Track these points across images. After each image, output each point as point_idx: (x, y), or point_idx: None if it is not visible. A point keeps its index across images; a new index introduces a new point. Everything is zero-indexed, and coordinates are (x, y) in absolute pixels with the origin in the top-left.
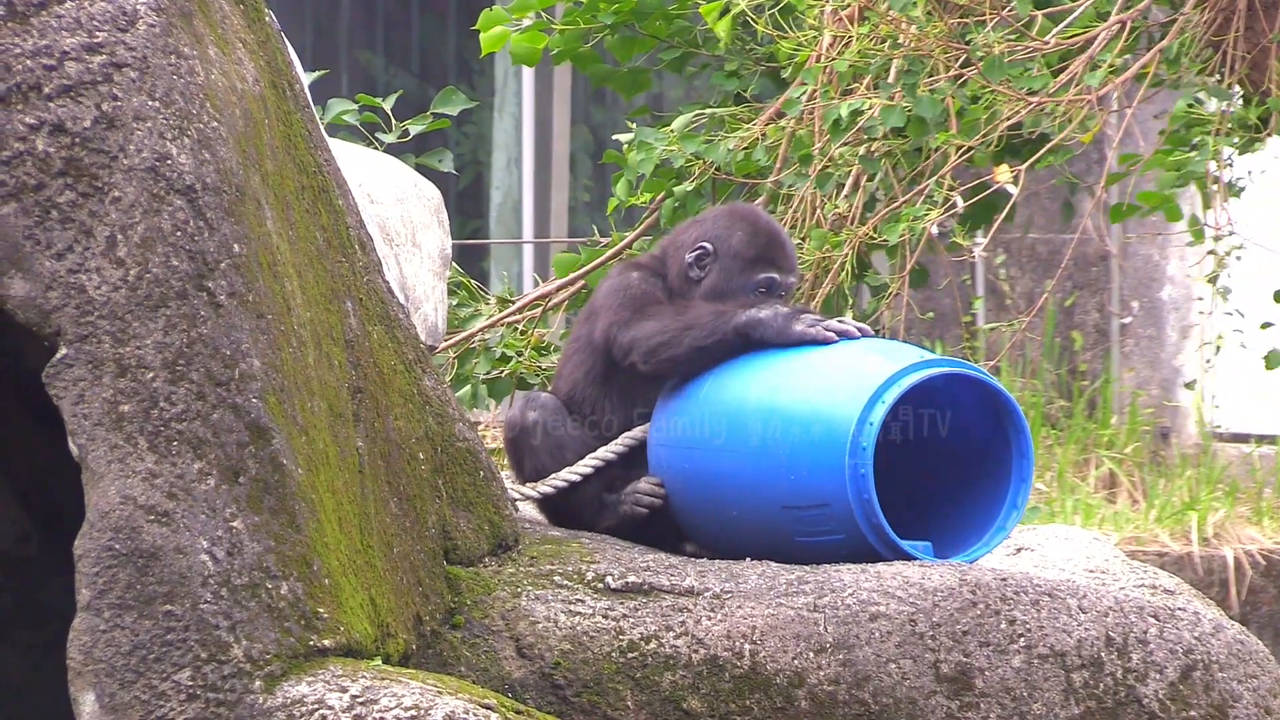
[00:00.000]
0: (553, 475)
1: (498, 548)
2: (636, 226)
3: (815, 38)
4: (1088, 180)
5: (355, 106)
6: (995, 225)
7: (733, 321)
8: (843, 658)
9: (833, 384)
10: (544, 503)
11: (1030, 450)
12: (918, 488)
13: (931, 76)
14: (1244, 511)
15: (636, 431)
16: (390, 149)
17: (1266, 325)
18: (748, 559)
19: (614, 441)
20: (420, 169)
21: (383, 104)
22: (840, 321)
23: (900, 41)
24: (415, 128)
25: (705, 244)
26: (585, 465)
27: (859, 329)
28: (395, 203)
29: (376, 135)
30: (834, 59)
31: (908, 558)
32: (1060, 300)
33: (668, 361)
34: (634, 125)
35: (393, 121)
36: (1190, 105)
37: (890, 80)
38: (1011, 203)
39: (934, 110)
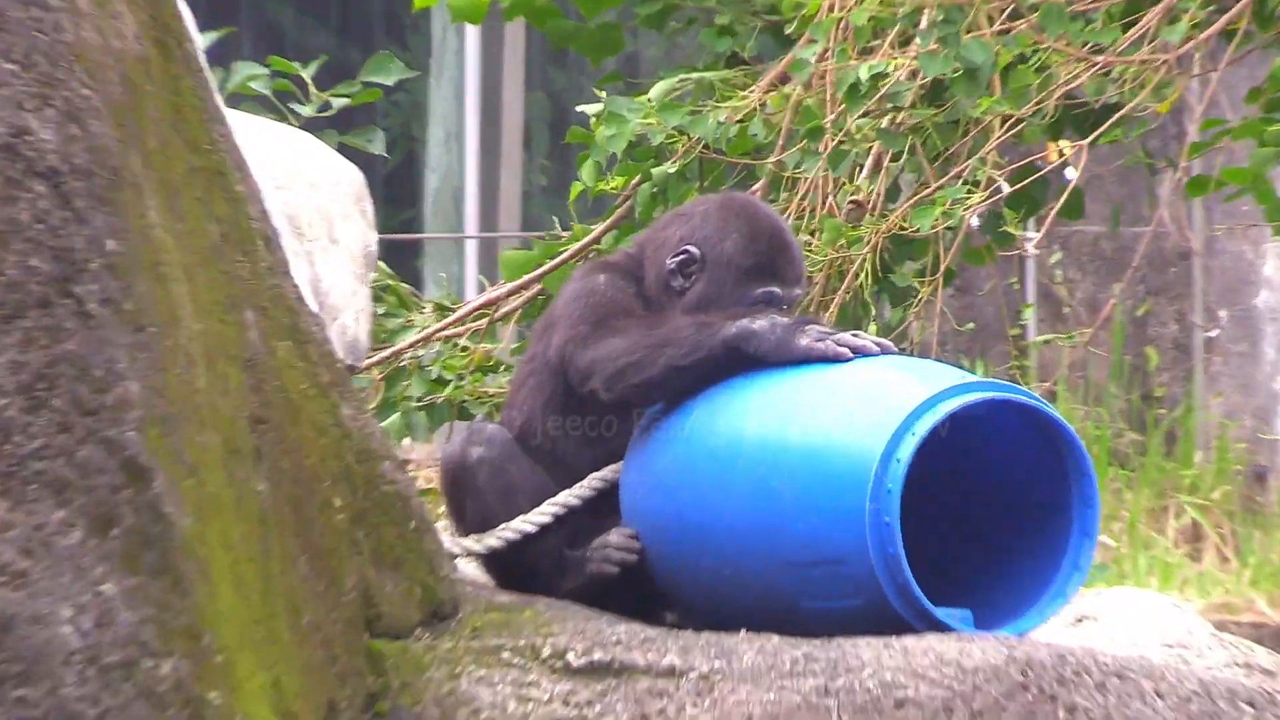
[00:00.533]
0: (503, 526)
1: (432, 616)
2: (605, 218)
3: None
4: (1163, 161)
5: (266, 71)
6: (1050, 216)
7: (720, 334)
8: None
9: (850, 411)
10: (491, 559)
11: (1096, 497)
12: (953, 542)
13: (971, 33)
14: None
15: (606, 472)
16: (308, 125)
17: None
18: (743, 630)
19: (578, 485)
20: (343, 150)
21: (301, 70)
22: (855, 335)
23: None
24: (340, 99)
25: (691, 247)
26: (542, 513)
27: (878, 344)
28: (308, 189)
29: (291, 107)
30: (850, 9)
31: (942, 629)
32: (1131, 309)
33: (638, 387)
34: (603, 94)
35: (311, 91)
36: None
37: (917, 41)
38: (1071, 188)
39: (986, 56)
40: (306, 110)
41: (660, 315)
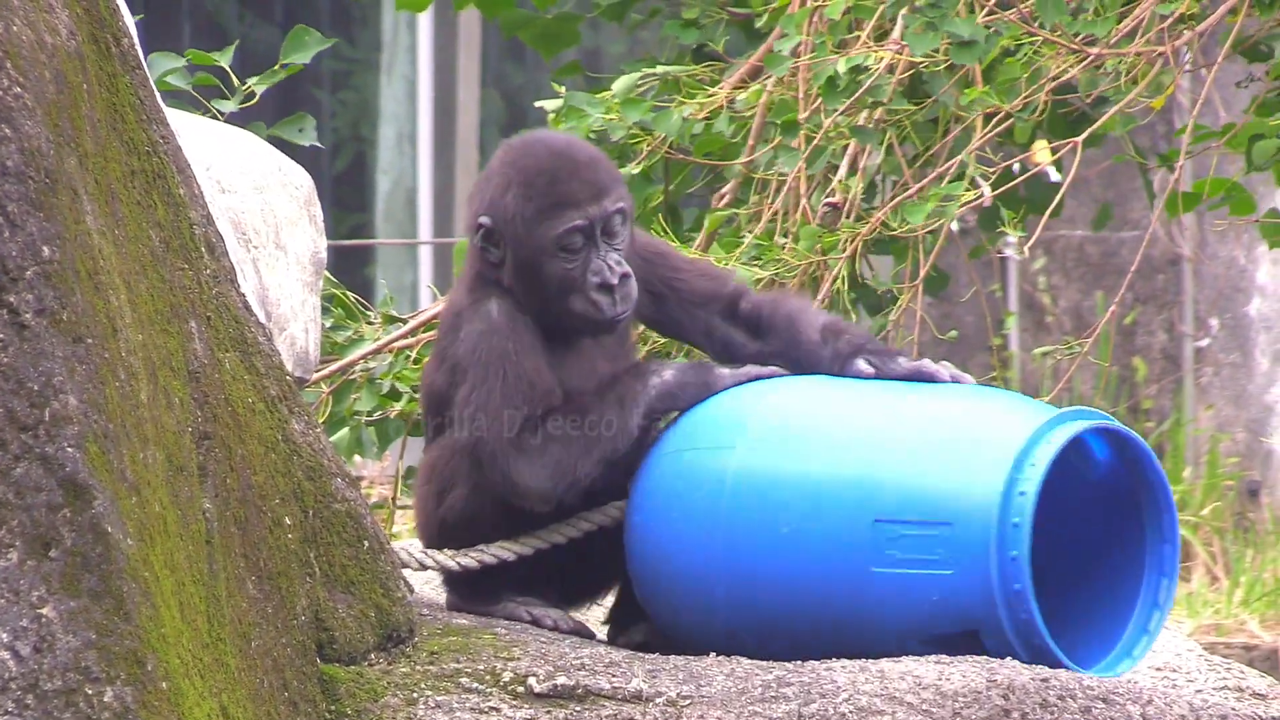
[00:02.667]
0: (481, 548)
1: (387, 640)
2: None
3: None
4: (1152, 162)
5: (183, 64)
6: (1043, 220)
7: (636, 412)
8: None
9: (948, 453)
10: (458, 579)
11: (1176, 535)
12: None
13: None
14: None
15: (597, 515)
16: (234, 121)
17: None
18: (713, 654)
19: (567, 523)
20: (276, 143)
21: (219, 59)
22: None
23: None
24: (262, 86)
25: (484, 219)
26: (525, 545)
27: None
28: (253, 192)
29: (216, 103)
30: (823, 4)
31: (1055, 664)
32: (1118, 317)
33: (579, 493)
34: (562, 89)
35: (234, 82)
36: None
37: (896, 34)
38: (1060, 194)
39: (976, 31)
40: (229, 105)
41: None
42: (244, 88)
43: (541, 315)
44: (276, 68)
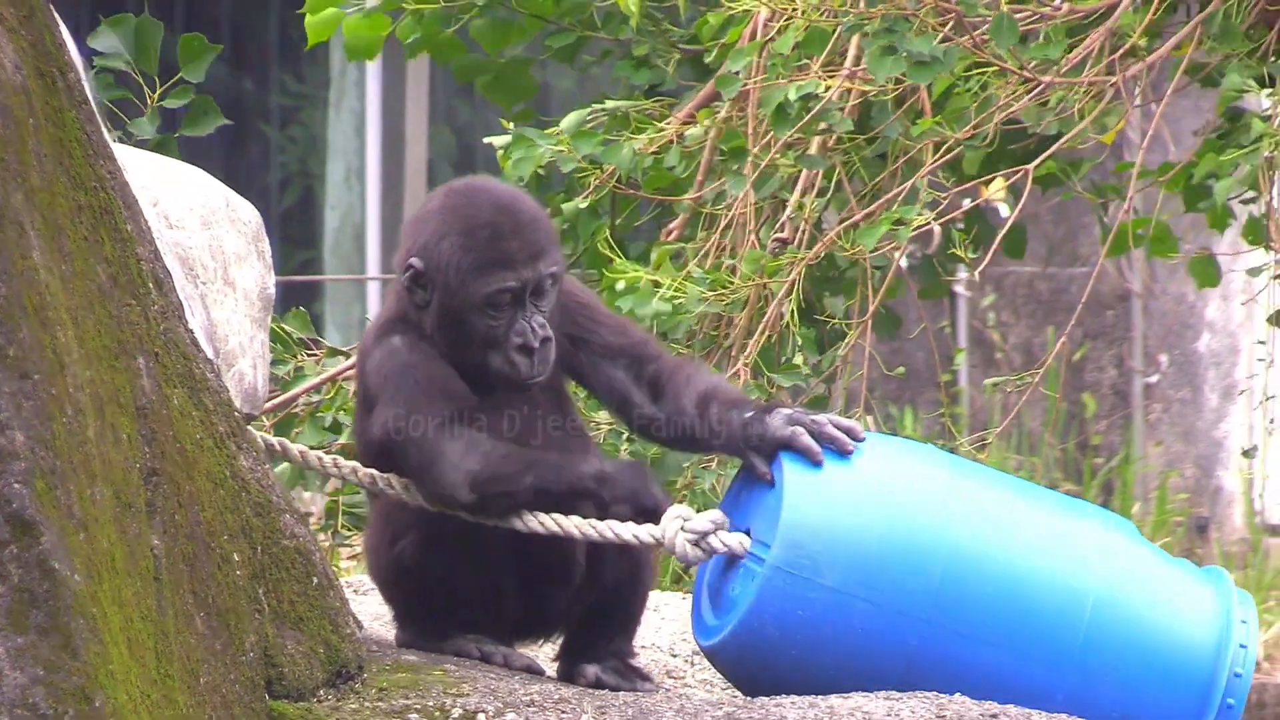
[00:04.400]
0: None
1: (336, 676)
2: None
3: (750, 11)
4: (1101, 197)
5: (90, 73)
6: (990, 254)
7: (578, 471)
8: None
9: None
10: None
11: None
12: None
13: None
14: None
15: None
16: (158, 148)
17: None
18: (662, 690)
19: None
20: (186, 146)
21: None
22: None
23: None
24: (175, 103)
25: (415, 260)
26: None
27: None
28: (201, 227)
29: (135, 123)
30: (773, 38)
31: None
32: (1068, 353)
33: (503, 498)
34: (511, 125)
35: (149, 99)
36: (1230, 93)
37: (848, 63)
38: (1008, 225)
39: (936, 50)
40: (144, 127)
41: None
42: (155, 103)
43: (458, 365)
44: (182, 86)
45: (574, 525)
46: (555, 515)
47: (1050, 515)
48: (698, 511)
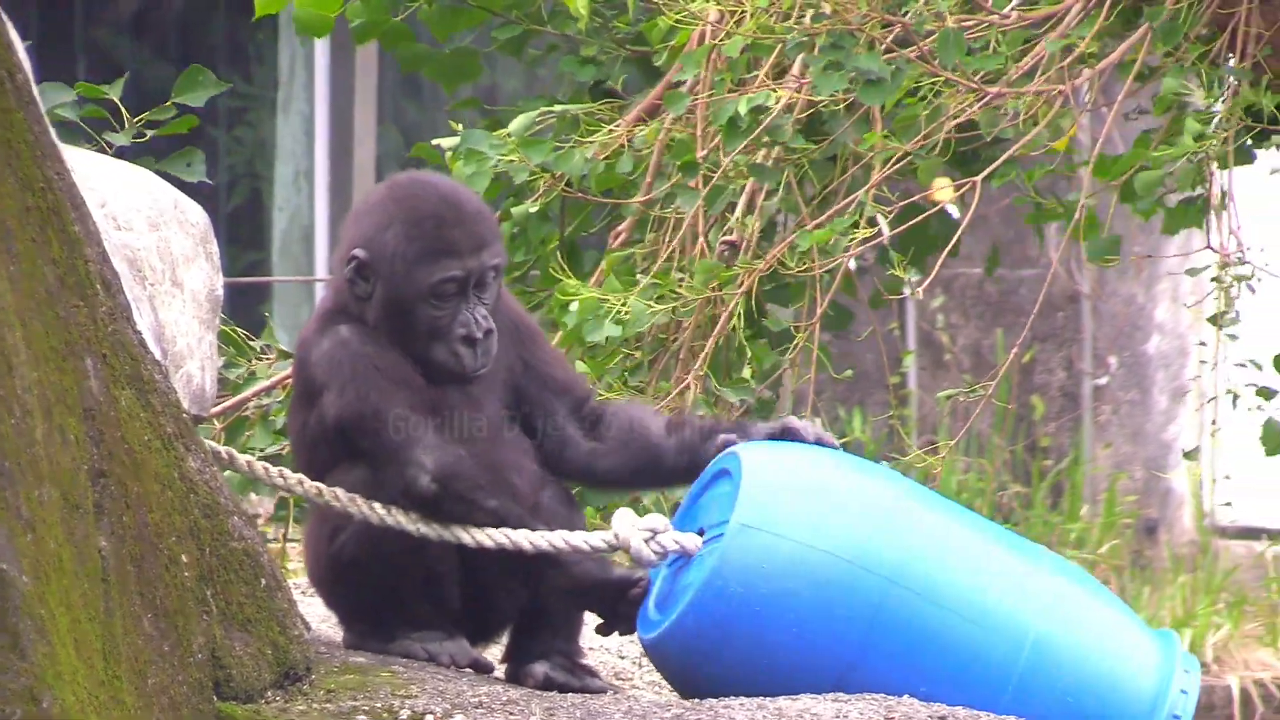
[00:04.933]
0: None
1: (284, 678)
2: None
3: (698, 14)
4: (1049, 200)
5: (74, 97)
6: (940, 258)
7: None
8: None
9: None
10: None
11: None
12: None
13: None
14: (1253, 629)
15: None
16: (125, 155)
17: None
18: (610, 691)
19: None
20: (167, 179)
21: (108, 91)
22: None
23: (825, 10)
24: (159, 121)
25: (358, 251)
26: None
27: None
28: (149, 229)
29: (106, 136)
30: (722, 40)
31: None
32: (1017, 355)
33: (471, 504)
34: (459, 126)
35: (125, 116)
36: (1168, 96)
37: (795, 71)
38: (960, 232)
39: (883, 68)
40: (120, 139)
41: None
42: (135, 122)
43: (400, 350)
44: (169, 104)
45: (525, 539)
46: (505, 530)
47: (999, 546)
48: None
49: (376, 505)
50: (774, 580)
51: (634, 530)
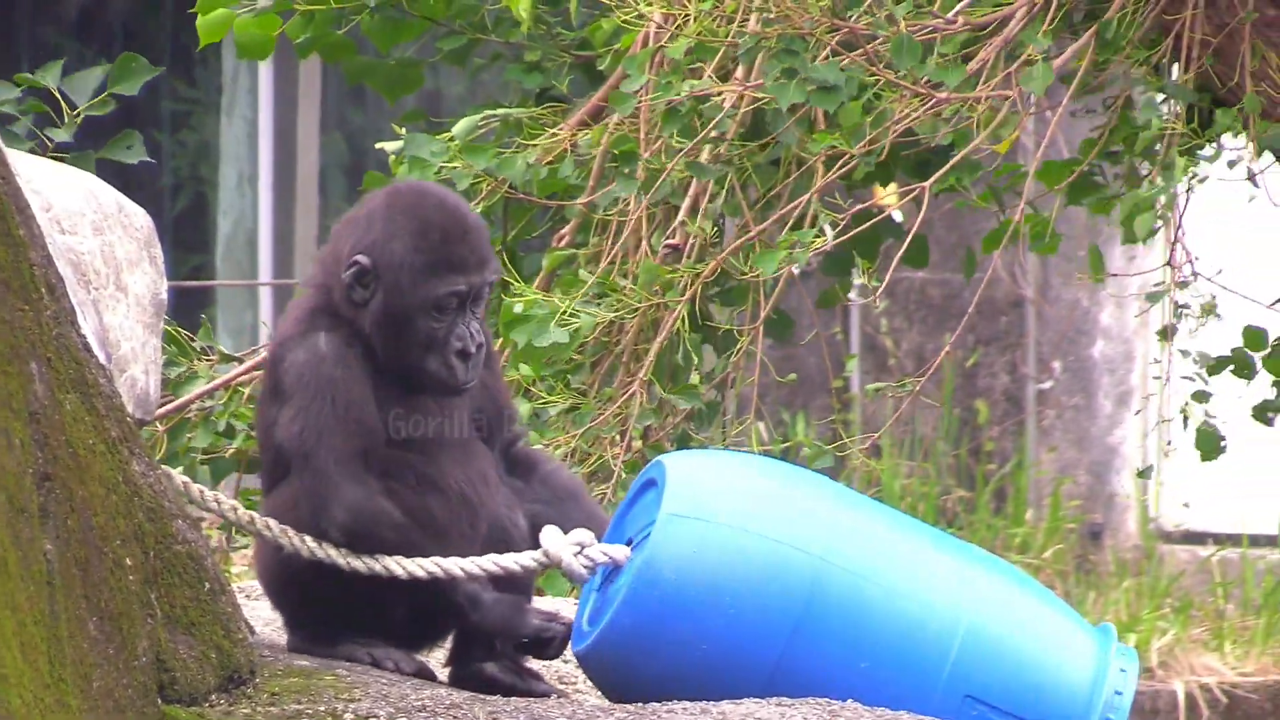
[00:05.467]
0: (377, 555)
1: (229, 681)
2: None
3: (643, 17)
4: (994, 206)
5: (17, 93)
6: (894, 265)
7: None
8: None
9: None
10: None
11: None
12: None
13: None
14: (1199, 634)
15: (491, 564)
16: (67, 149)
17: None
18: (554, 695)
19: (471, 559)
20: (110, 169)
21: (43, 78)
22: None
23: (772, 14)
24: (93, 114)
25: (361, 257)
26: (422, 567)
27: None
28: (94, 233)
29: (49, 131)
30: (666, 44)
31: None
32: (960, 359)
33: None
34: (402, 130)
35: (65, 112)
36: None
37: (739, 75)
38: (911, 235)
39: (838, 76)
40: (61, 134)
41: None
42: (74, 115)
43: (392, 363)
44: (105, 96)
45: (456, 566)
46: (436, 559)
47: (932, 538)
48: None
49: (308, 539)
50: (707, 565)
51: (563, 546)
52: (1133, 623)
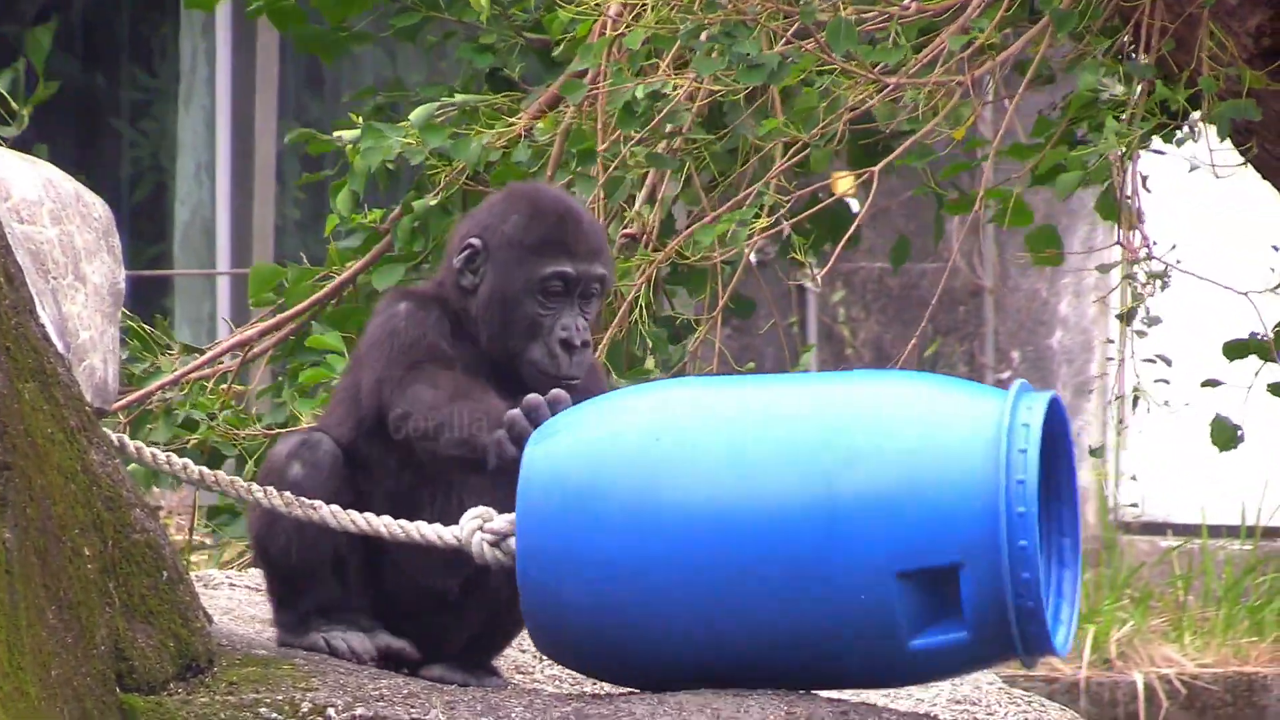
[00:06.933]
0: (332, 509)
1: (186, 670)
2: (362, 252)
3: (599, 6)
4: (953, 193)
5: None
6: (839, 250)
7: (493, 436)
8: None
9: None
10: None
11: (1079, 531)
12: None
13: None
14: (1158, 624)
15: (447, 534)
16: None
17: (1211, 383)
18: (510, 686)
19: (418, 524)
20: (65, 159)
21: None
22: None
23: (720, 2)
24: (42, 98)
25: (474, 240)
26: (378, 524)
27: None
28: (52, 222)
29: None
30: (623, 33)
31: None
32: (919, 349)
33: (446, 446)
34: (359, 117)
35: (15, 107)
36: (1084, 93)
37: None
38: (857, 223)
39: (767, 57)
40: (11, 131)
41: (466, 357)
42: (24, 107)
43: (497, 350)
44: (54, 87)
45: (382, 524)
46: (367, 515)
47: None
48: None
49: (254, 487)
50: (579, 471)
51: (468, 522)
52: (1092, 614)
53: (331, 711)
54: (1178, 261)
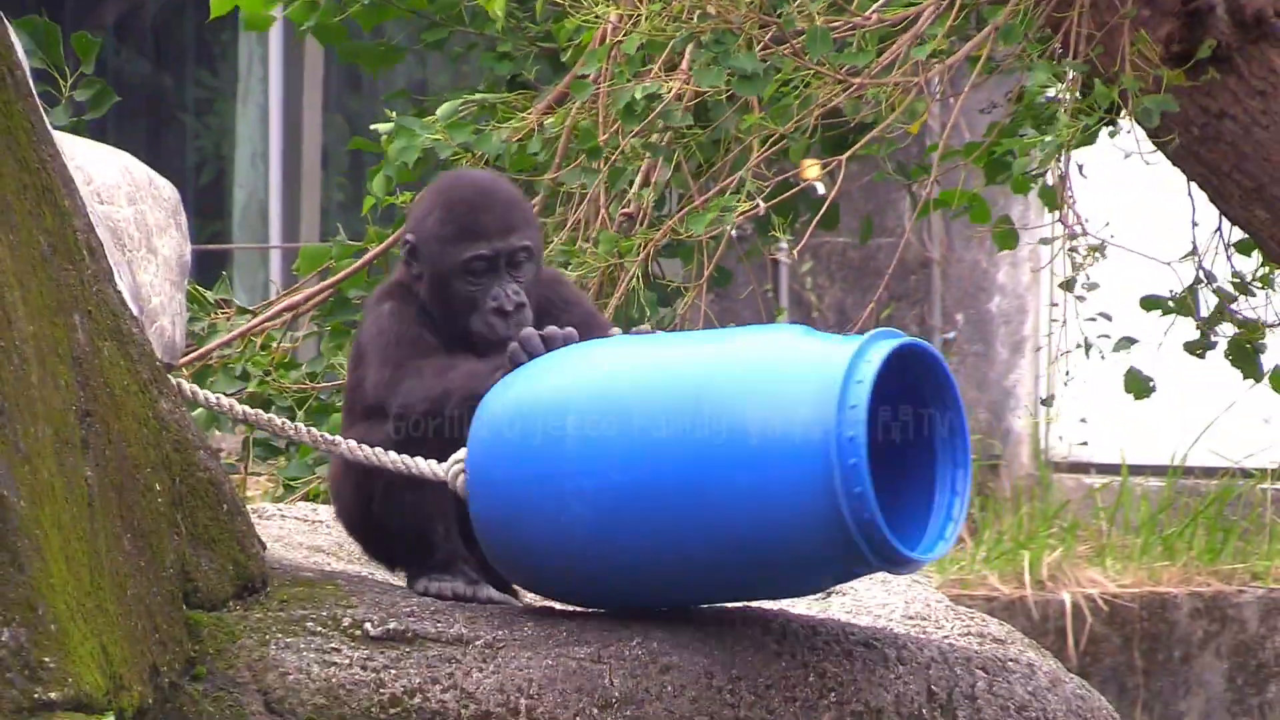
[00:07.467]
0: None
1: (243, 590)
2: (395, 228)
3: (600, 17)
4: (905, 179)
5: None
6: (811, 228)
7: (488, 382)
8: (631, 714)
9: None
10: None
11: (969, 460)
12: None
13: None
14: (1084, 551)
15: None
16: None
17: (1126, 343)
18: (523, 604)
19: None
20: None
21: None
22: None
23: (709, 11)
24: (83, 95)
25: (409, 236)
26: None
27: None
28: (128, 203)
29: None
30: (620, 40)
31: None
32: (875, 312)
33: (440, 429)
34: (393, 114)
35: (63, 89)
36: (1036, 90)
37: (685, 66)
38: (828, 204)
39: (756, 65)
40: (61, 115)
41: (444, 336)
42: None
43: (447, 328)
44: (99, 84)
45: (388, 459)
46: (376, 449)
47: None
48: None
49: (290, 423)
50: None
51: (453, 460)
52: (1027, 541)
53: (368, 625)
54: (1111, 236)
